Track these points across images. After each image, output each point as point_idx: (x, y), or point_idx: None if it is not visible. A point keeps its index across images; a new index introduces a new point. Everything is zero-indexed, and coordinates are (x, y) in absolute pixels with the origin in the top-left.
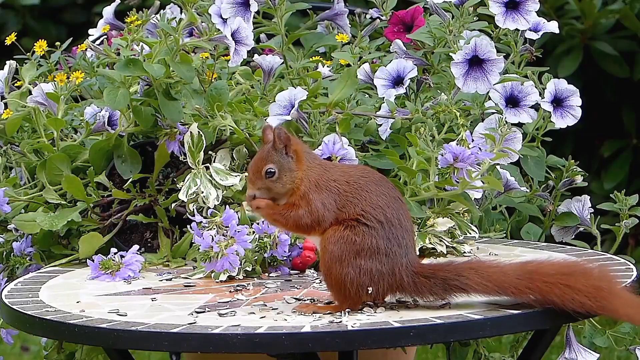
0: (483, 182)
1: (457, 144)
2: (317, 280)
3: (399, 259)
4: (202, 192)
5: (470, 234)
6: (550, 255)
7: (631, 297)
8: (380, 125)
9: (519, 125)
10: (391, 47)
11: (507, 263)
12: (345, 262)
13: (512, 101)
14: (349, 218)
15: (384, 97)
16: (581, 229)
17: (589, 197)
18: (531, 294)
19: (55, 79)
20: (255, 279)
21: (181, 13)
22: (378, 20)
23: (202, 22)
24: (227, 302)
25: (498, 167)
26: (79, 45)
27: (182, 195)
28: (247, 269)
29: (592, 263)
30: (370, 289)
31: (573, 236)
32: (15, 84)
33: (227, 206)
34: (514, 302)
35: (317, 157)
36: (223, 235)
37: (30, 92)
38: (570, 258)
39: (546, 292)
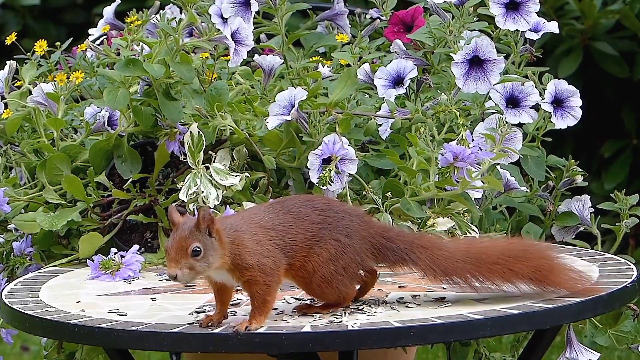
0: (483, 182)
1: (457, 144)
2: None
3: (355, 226)
4: (202, 192)
5: (470, 233)
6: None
7: (571, 270)
8: (380, 125)
9: (519, 125)
10: (391, 47)
11: (453, 245)
12: (330, 276)
13: (513, 101)
14: (300, 255)
15: (384, 97)
16: (581, 228)
17: (589, 197)
18: (475, 281)
19: (55, 79)
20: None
21: (181, 13)
22: (378, 20)
23: (202, 22)
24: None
25: (498, 167)
26: (79, 46)
27: (182, 195)
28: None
29: (533, 242)
30: (361, 272)
31: (573, 236)
32: (15, 84)
33: (227, 206)
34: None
35: (232, 225)
36: None
37: (30, 92)
38: (512, 240)
39: (490, 277)
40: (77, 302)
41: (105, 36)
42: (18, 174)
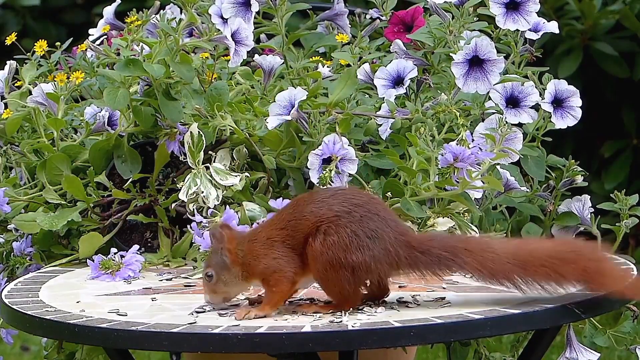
0: (483, 182)
1: (457, 144)
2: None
3: (385, 235)
4: (202, 192)
5: (470, 233)
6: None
7: (619, 273)
8: (380, 125)
9: (519, 125)
10: (391, 47)
11: (501, 246)
12: (337, 264)
13: (513, 101)
14: (309, 233)
15: (384, 97)
16: (581, 228)
17: (589, 197)
18: (522, 283)
19: (55, 79)
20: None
21: (181, 13)
22: (378, 20)
23: (202, 22)
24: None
25: (498, 167)
26: (79, 46)
27: (182, 195)
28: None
29: (581, 243)
30: (367, 282)
31: (573, 236)
32: (15, 84)
33: (227, 206)
34: (504, 289)
35: (248, 236)
36: None
37: (30, 92)
38: (560, 241)
39: (538, 279)
40: (77, 302)
41: (105, 36)
42: (18, 174)
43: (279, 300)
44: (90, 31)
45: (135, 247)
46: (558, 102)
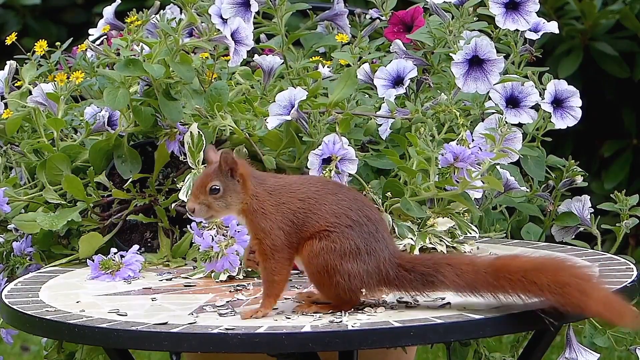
0: (483, 182)
1: (457, 144)
2: None
3: (380, 254)
4: None
5: (470, 233)
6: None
7: (604, 296)
8: (380, 125)
9: (519, 125)
10: (391, 47)
11: (482, 258)
12: (332, 270)
13: (513, 102)
14: (315, 232)
15: (384, 97)
16: (581, 229)
17: (589, 197)
18: (498, 292)
19: (55, 79)
20: (255, 278)
21: (181, 13)
22: (378, 20)
23: (202, 22)
24: (227, 301)
25: (498, 167)
26: (79, 46)
27: (182, 195)
28: (247, 268)
29: (574, 260)
30: (363, 290)
31: (573, 236)
32: (16, 84)
33: None
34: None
35: (264, 181)
36: (223, 235)
37: (30, 92)
38: (554, 254)
39: (511, 289)
40: (77, 302)
41: (105, 36)
42: (18, 174)
43: (280, 290)
44: (90, 31)
45: (135, 247)
46: (558, 102)
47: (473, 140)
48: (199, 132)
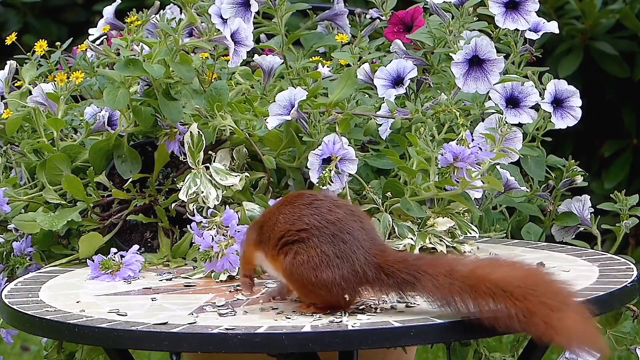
0: (483, 182)
1: (457, 144)
2: None
3: (352, 255)
4: (202, 192)
5: (470, 233)
6: (549, 255)
7: (571, 327)
8: (380, 125)
9: (519, 125)
10: (391, 47)
11: (461, 267)
12: (310, 285)
13: (513, 102)
14: (277, 244)
15: (384, 97)
16: (581, 228)
17: (589, 197)
18: (471, 306)
19: (55, 79)
20: (255, 278)
21: (181, 13)
22: (378, 20)
23: (202, 22)
24: (227, 302)
25: (498, 167)
26: (79, 45)
27: (182, 195)
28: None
29: (549, 279)
30: (346, 296)
31: (573, 236)
32: (15, 84)
33: (227, 206)
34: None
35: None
36: (223, 235)
37: (30, 92)
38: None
39: (484, 305)
40: (77, 302)
41: (105, 36)
42: (18, 174)
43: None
44: (90, 31)
45: (135, 247)
46: (558, 102)
47: (473, 140)
48: (199, 132)
